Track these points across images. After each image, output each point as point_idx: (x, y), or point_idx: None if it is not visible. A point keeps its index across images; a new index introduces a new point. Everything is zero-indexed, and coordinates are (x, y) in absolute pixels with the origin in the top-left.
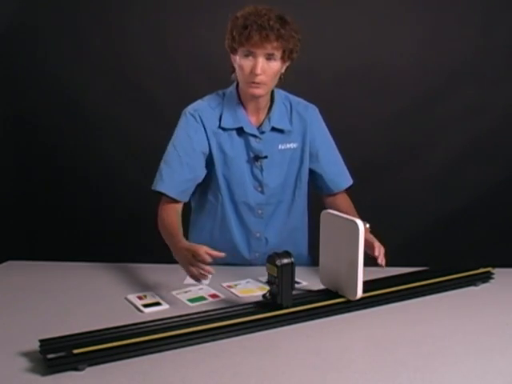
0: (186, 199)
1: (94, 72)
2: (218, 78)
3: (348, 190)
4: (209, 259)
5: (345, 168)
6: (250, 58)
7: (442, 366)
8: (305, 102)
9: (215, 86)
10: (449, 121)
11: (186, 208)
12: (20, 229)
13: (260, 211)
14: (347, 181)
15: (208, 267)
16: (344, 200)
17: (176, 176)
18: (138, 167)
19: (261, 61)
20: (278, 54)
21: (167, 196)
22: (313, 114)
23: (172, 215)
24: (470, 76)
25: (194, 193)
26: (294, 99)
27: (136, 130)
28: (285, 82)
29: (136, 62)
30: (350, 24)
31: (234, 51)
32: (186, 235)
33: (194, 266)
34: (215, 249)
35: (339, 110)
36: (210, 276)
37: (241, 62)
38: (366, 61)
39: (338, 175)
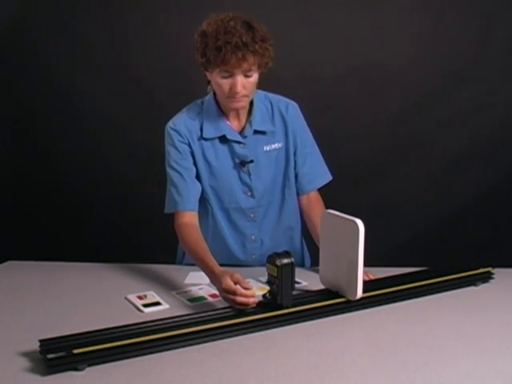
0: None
1: (94, 72)
2: None
3: (328, 185)
4: (251, 302)
5: (323, 166)
6: (227, 76)
7: (442, 366)
8: (285, 100)
9: None
10: (449, 121)
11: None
12: (20, 229)
13: (252, 215)
14: (322, 179)
15: (249, 301)
16: (317, 202)
17: (184, 192)
18: (139, 168)
19: (239, 79)
20: (254, 69)
21: (184, 212)
22: (293, 112)
23: (193, 232)
24: (470, 76)
25: None
26: (274, 98)
27: (136, 130)
28: (285, 82)
29: (136, 62)
30: (350, 24)
31: (208, 69)
32: None
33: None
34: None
35: (339, 110)
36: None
37: (218, 81)
38: (366, 61)
39: (313, 173)
